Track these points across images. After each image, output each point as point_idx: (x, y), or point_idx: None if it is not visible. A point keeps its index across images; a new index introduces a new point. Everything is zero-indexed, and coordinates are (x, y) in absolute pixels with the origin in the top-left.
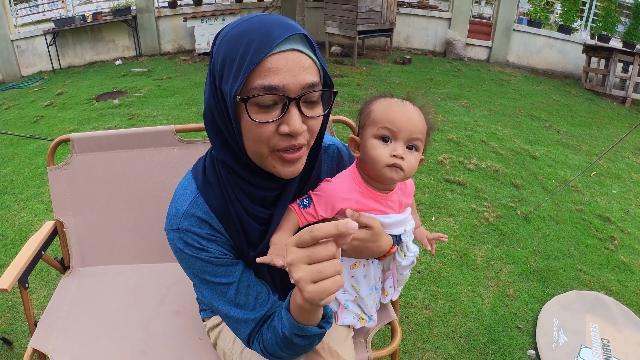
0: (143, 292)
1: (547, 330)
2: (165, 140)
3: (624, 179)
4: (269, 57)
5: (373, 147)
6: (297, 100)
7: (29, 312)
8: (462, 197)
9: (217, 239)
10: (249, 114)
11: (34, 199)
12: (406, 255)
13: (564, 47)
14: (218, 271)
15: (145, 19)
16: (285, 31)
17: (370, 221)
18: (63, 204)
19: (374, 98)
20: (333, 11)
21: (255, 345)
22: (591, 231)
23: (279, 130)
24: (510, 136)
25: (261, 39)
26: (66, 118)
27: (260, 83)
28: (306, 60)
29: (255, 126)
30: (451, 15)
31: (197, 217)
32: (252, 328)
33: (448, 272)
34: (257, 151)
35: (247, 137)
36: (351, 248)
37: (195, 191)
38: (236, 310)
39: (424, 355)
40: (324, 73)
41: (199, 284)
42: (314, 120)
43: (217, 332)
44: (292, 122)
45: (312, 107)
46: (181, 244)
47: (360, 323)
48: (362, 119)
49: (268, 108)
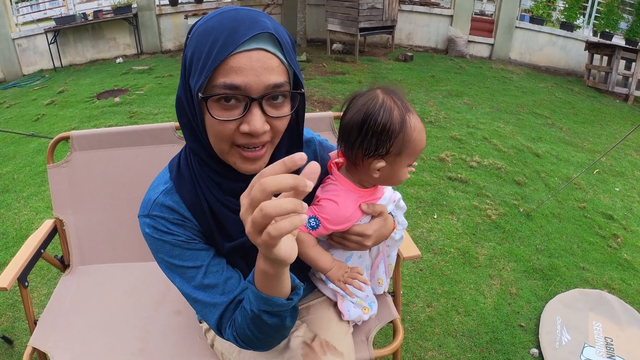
0: (143, 291)
1: (550, 328)
2: (166, 137)
3: (627, 177)
4: (232, 56)
5: (404, 174)
6: (259, 100)
7: (28, 311)
8: (465, 194)
9: (185, 223)
10: (210, 112)
11: (35, 197)
12: (397, 229)
13: (566, 44)
14: (185, 254)
15: (146, 16)
16: (251, 29)
17: (380, 208)
18: (63, 202)
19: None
20: (335, 8)
21: (228, 333)
22: (594, 229)
23: (240, 128)
24: (513, 133)
25: (227, 36)
26: (67, 116)
27: (222, 81)
28: (272, 60)
29: (217, 123)
30: (453, 12)
31: (166, 206)
32: (221, 312)
33: (450, 270)
34: (218, 147)
35: (210, 132)
36: (375, 239)
37: (169, 182)
38: (204, 294)
39: (426, 353)
40: (294, 73)
41: (167, 270)
42: (278, 120)
43: (213, 333)
44: (253, 122)
45: (277, 106)
46: (149, 229)
47: (364, 314)
48: (398, 145)
49: (230, 106)
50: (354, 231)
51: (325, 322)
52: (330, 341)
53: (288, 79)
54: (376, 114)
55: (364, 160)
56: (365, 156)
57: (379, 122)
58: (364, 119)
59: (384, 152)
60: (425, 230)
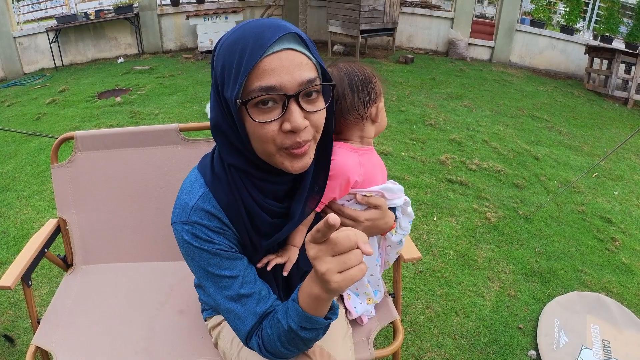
0: (146, 291)
1: (548, 330)
2: (169, 138)
3: (626, 180)
4: (263, 59)
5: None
6: (296, 97)
7: (31, 310)
8: (464, 197)
9: (224, 232)
10: (250, 116)
11: (36, 197)
12: (396, 232)
13: (566, 48)
14: (224, 264)
15: (148, 16)
16: (276, 32)
17: (378, 201)
18: (66, 201)
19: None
20: (336, 10)
21: (253, 342)
22: (592, 232)
23: (282, 128)
24: (513, 136)
25: (254, 42)
26: (68, 115)
27: (258, 85)
28: (300, 58)
29: (259, 127)
30: (454, 15)
31: (206, 211)
32: (253, 324)
33: (450, 272)
34: (265, 151)
35: (254, 138)
36: (365, 228)
37: (204, 186)
38: (238, 305)
39: (425, 354)
40: (322, 69)
41: (203, 277)
42: (316, 114)
43: (217, 331)
44: (293, 118)
45: (312, 102)
46: (189, 237)
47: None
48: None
49: (269, 108)
50: (346, 213)
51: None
52: (329, 347)
53: (318, 74)
54: (354, 73)
55: (366, 110)
56: (365, 106)
57: (360, 75)
58: (350, 80)
59: (374, 96)
60: (425, 233)
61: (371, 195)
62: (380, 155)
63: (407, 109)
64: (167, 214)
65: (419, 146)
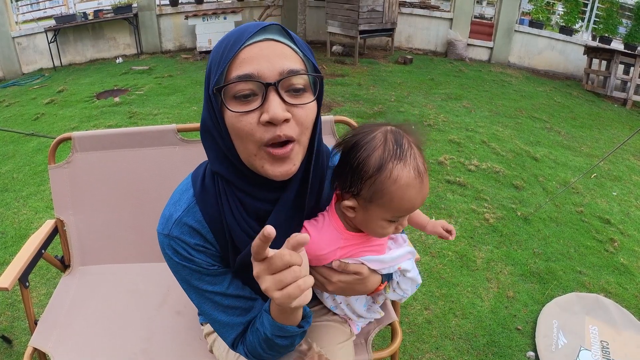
0: (144, 292)
1: (546, 332)
2: (167, 139)
3: (625, 181)
4: (243, 49)
5: (381, 227)
6: (275, 86)
7: (29, 311)
8: (463, 198)
9: (206, 250)
10: (227, 107)
11: (34, 197)
12: (395, 291)
13: (565, 49)
14: (205, 279)
15: (147, 16)
16: (260, 25)
17: (358, 268)
18: (64, 202)
19: (384, 161)
20: (335, 10)
21: (240, 349)
22: (591, 233)
23: (261, 119)
24: (511, 137)
25: (237, 36)
26: (67, 116)
27: (236, 74)
28: (283, 49)
29: (237, 119)
30: (453, 16)
31: (189, 226)
32: (238, 333)
33: (448, 273)
34: (245, 150)
35: (234, 135)
36: (338, 289)
37: (192, 199)
38: (223, 315)
39: (423, 356)
40: (313, 65)
41: (186, 289)
42: (300, 109)
43: (212, 339)
44: (272, 107)
45: (297, 95)
46: (170, 251)
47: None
48: (369, 191)
49: (246, 99)
50: (318, 270)
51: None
52: (328, 352)
53: (305, 68)
54: (360, 148)
55: (341, 192)
56: (342, 189)
57: (356, 156)
58: (350, 148)
59: (355, 191)
60: (423, 233)
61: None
62: None
63: (405, 109)
64: None
65: None
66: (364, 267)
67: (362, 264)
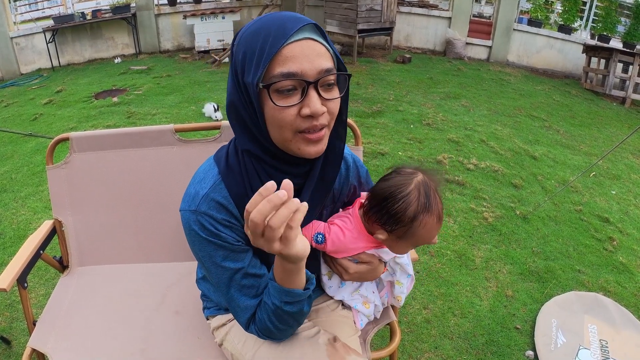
0: (142, 292)
1: (545, 331)
2: (165, 139)
3: (624, 180)
4: (285, 46)
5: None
6: (315, 84)
7: (27, 312)
8: (462, 197)
9: (232, 225)
10: (272, 100)
11: (33, 197)
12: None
13: (564, 47)
14: (229, 256)
15: (145, 16)
16: (298, 22)
17: (370, 258)
18: (62, 203)
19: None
20: (333, 9)
21: (252, 328)
22: (590, 232)
23: (301, 112)
24: (510, 136)
25: (277, 31)
26: (65, 116)
27: (279, 70)
28: (320, 48)
29: (278, 111)
30: (451, 15)
31: (216, 202)
32: (252, 313)
33: (447, 272)
34: (281, 136)
35: (271, 123)
36: (352, 277)
37: (217, 176)
38: (240, 295)
39: (422, 355)
40: (337, 59)
41: (209, 267)
42: (332, 102)
43: (223, 332)
44: (313, 104)
45: (329, 90)
46: (196, 226)
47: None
48: (401, 232)
49: (289, 93)
50: (339, 262)
51: (337, 324)
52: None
53: (334, 64)
54: (397, 200)
55: (375, 222)
56: (376, 221)
57: (394, 207)
58: (386, 197)
59: (389, 229)
60: None
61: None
62: (378, 155)
63: (404, 108)
64: (162, 215)
65: (416, 146)
66: (375, 257)
67: (373, 255)
